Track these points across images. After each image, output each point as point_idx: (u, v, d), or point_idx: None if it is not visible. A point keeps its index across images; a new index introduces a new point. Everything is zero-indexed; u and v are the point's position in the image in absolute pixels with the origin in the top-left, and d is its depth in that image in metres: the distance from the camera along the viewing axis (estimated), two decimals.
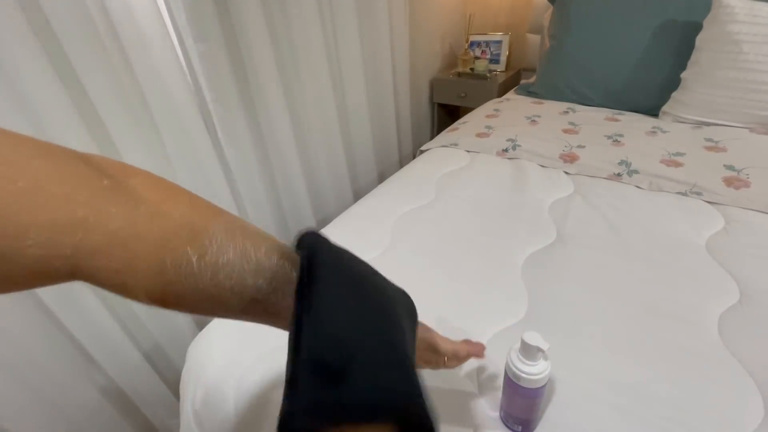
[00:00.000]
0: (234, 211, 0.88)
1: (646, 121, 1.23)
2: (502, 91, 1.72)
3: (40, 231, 0.17)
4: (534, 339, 0.42)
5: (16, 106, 0.66)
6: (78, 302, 0.78)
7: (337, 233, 0.89)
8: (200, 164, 0.97)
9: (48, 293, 0.72)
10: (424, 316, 0.65)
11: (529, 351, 0.43)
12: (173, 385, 1.02)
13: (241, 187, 1.10)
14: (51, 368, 0.77)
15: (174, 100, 0.87)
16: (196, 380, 0.64)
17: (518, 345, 0.45)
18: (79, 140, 0.73)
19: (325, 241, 0.26)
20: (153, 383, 0.98)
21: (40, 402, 0.76)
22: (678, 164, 0.98)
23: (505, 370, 0.47)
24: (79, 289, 0.77)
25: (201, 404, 0.62)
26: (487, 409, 0.52)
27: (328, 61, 1.23)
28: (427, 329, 0.43)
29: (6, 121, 0.65)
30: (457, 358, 0.45)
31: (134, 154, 0.84)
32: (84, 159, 0.21)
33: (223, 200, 1.04)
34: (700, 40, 1.16)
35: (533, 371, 0.43)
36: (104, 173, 0.21)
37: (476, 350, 0.47)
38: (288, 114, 1.14)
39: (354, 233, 0.88)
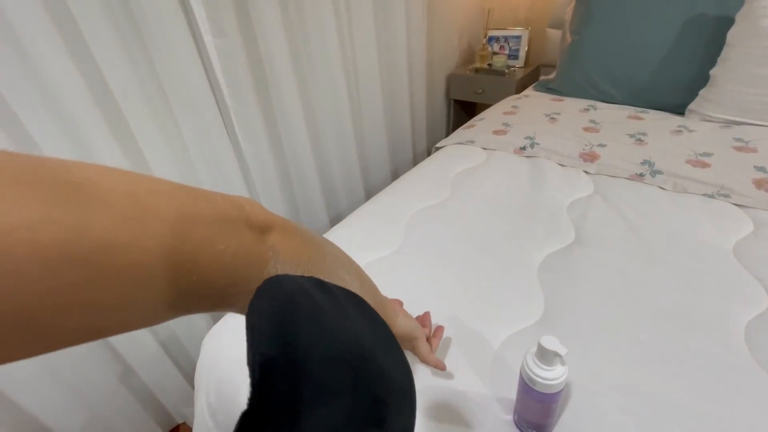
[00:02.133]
0: None
1: (672, 120, 1.18)
2: (521, 87, 1.69)
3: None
4: (552, 343, 0.41)
5: (42, 103, 0.67)
6: None
7: (350, 231, 0.88)
8: (217, 158, 0.98)
9: None
10: (436, 317, 0.65)
11: (546, 355, 0.42)
12: (188, 375, 1.04)
13: (257, 181, 1.11)
14: (72, 353, 0.79)
15: (192, 95, 0.88)
16: (209, 373, 0.65)
17: (534, 348, 0.44)
18: (100, 133, 0.75)
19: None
20: (169, 372, 1.00)
21: (61, 385, 0.79)
22: (705, 165, 0.94)
23: (520, 373, 0.46)
24: None
25: (215, 396, 0.63)
26: (500, 412, 0.51)
27: (343, 57, 1.22)
28: (412, 328, 0.47)
29: (31, 114, 0.67)
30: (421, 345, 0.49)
31: (154, 146, 0.85)
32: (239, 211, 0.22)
33: (239, 194, 1.05)
34: (731, 35, 1.11)
35: (550, 376, 0.42)
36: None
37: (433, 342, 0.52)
38: (302, 109, 1.14)
39: (367, 231, 0.87)
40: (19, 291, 0.13)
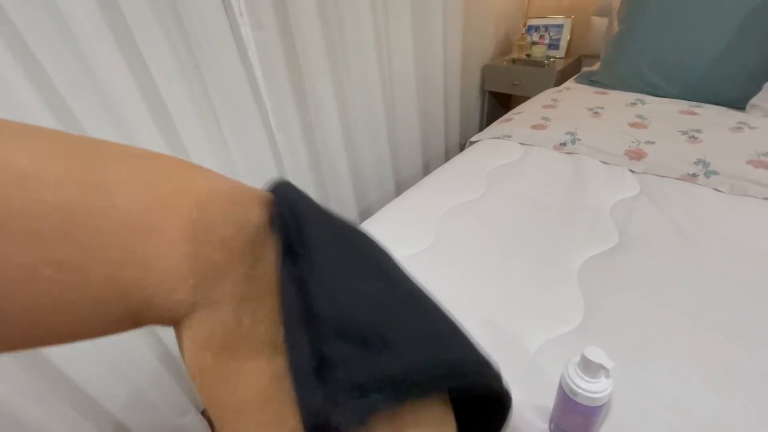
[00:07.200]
0: None
1: (730, 116, 1.09)
2: (561, 79, 1.61)
3: None
4: (597, 355, 0.39)
5: (93, 95, 0.70)
6: None
7: (382, 225, 0.88)
8: (252, 149, 1.00)
9: None
10: (470, 319, 0.63)
11: (590, 367, 0.40)
12: None
13: (289, 172, 1.12)
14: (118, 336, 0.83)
15: (231, 87, 0.90)
16: None
17: (577, 358, 0.42)
18: (143, 121, 0.78)
19: (303, 195, 0.21)
20: None
21: (107, 361, 0.83)
22: None
23: (560, 383, 0.44)
24: None
25: None
26: (536, 420, 0.50)
27: (378, 48, 1.20)
28: None
29: (84, 104, 0.70)
30: None
31: (194, 136, 0.88)
32: None
33: None
34: None
35: (593, 389, 0.40)
36: None
37: None
38: (335, 101, 1.14)
39: (399, 226, 0.87)
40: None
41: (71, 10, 0.64)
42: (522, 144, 1.11)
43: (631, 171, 0.95)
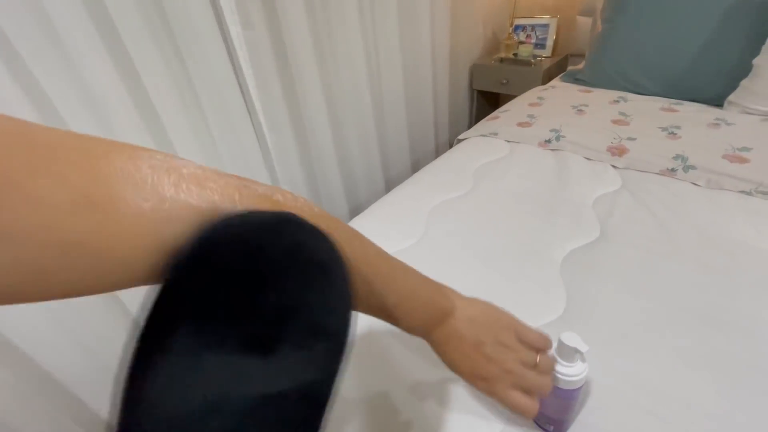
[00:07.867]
0: None
1: (709, 112, 1.13)
2: (547, 78, 1.64)
3: None
4: (572, 340, 0.41)
5: (79, 94, 0.71)
6: None
7: (371, 221, 0.89)
8: (242, 148, 1.01)
9: None
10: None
11: (566, 352, 0.41)
12: None
13: (279, 171, 1.13)
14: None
15: (219, 86, 0.90)
16: None
17: (555, 344, 0.44)
18: (131, 120, 0.78)
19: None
20: None
21: (97, 363, 0.83)
22: (743, 160, 0.90)
23: None
24: None
25: None
26: None
27: (365, 47, 1.21)
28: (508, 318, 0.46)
29: (69, 108, 0.70)
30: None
31: (183, 137, 0.88)
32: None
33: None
34: None
35: (569, 372, 0.42)
36: None
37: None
38: (324, 99, 1.15)
39: (388, 222, 0.88)
40: None
41: (55, 9, 0.65)
42: (508, 141, 1.13)
43: (613, 166, 0.97)
